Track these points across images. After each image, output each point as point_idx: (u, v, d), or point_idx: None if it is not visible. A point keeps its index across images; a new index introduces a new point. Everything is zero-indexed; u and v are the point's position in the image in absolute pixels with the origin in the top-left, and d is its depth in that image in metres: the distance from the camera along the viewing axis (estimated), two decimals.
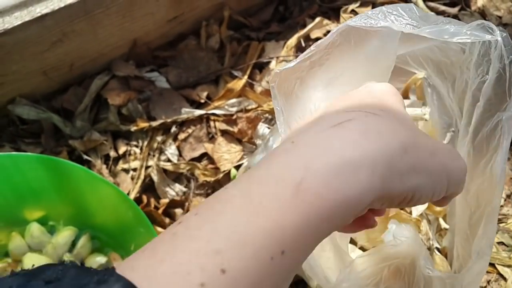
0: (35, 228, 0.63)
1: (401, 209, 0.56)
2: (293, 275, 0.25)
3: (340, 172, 0.25)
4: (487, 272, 0.59)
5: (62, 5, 0.64)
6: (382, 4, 0.59)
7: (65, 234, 0.63)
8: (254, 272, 0.22)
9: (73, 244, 0.63)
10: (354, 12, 0.78)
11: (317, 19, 0.76)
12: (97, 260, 0.62)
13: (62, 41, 0.66)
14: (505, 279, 0.59)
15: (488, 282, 0.59)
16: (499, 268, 0.59)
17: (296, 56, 0.73)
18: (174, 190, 0.67)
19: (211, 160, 0.69)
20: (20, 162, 0.59)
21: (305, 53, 0.36)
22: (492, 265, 0.60)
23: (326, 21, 0.76)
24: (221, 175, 0.67)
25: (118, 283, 0.20)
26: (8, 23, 0.62)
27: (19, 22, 0.63)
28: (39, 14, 0.63)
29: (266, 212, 0.23)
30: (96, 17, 0.67)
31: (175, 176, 0.69)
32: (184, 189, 0.68)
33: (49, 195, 0.63)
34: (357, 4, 0.79)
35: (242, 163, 0.67)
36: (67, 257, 0.62)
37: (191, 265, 0.21)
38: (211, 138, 0.70)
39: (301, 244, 0.24)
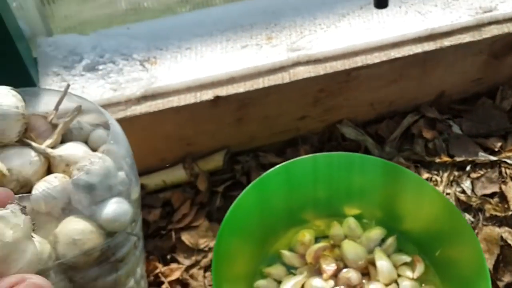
0: (352, 222, 0.77)
1: None
2: None
3: None
4: None
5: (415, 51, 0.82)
6: None
7: (376, 232, 0.76)
8: None
9: (382, 240, 0.76)
10: None
11: None
12: (402, 258, 0.74)
13: (396, 81, 0.84)
14: None
15: None
16: None
17: None
18: (465, 217, 0.79)
19: (502, 199, 0.79)
20: (366, 163, 0.75)
21: None
22: None
23: None
24: (510, 212, 0.77)
25: None
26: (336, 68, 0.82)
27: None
28: (393, 57, 0.81)
29: None
30: (428, 67, 0.84)
31: (466, 207, 0.80)
32: (472, 219, 0.79)
33: (372, 198, 0.77)
34: None
35: None
36: (377, 250, 0.75)
37: None
38: (502, 182, 0.81)
39: None
